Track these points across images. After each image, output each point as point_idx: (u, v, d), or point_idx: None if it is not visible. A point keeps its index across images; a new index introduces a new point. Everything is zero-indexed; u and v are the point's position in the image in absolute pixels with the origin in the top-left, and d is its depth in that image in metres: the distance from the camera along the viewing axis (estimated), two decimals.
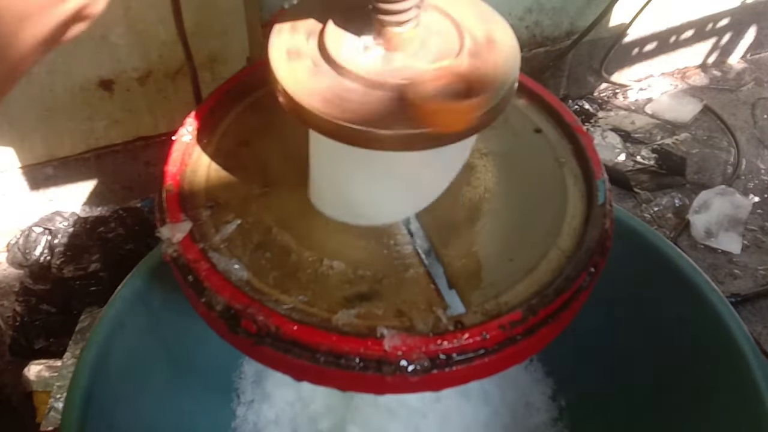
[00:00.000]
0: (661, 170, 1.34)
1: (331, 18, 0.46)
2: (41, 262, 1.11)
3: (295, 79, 0.43)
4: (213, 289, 0.46)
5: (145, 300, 0.69)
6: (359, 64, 0.43)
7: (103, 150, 1.12)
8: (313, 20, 0.47)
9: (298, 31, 0.46)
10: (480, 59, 0.44)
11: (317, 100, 0.42)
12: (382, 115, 0.41)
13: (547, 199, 0.55)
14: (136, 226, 1.14)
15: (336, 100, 0.42)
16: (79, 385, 0.62)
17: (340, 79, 0.43)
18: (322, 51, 0.45)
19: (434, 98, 0.41)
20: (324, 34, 0.45)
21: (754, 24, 1.58)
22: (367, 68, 0.43)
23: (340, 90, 0.43)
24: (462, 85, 0.42)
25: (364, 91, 0.42)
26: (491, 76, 0.43)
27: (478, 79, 0.43)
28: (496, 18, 0.48)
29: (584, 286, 0.48)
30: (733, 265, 1.18)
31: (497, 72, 0.43)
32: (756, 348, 0.65)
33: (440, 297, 0.47)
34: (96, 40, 0.97)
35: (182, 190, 0.52)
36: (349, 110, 0.41)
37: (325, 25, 0.46)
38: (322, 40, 0.45)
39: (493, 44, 0.45)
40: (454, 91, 0.42)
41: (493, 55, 0.45)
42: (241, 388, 0.84)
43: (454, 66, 0.44)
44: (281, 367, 0.45)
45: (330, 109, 0.41)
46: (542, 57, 1.36)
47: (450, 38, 0.46)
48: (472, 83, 0.42)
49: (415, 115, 0.41)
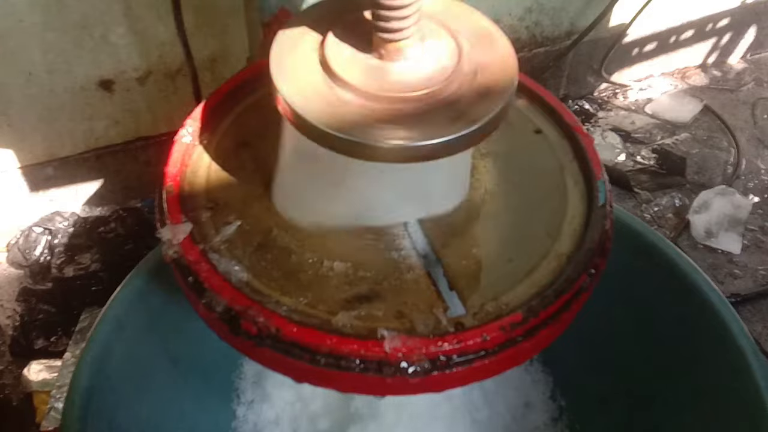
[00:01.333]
0: (661, 170, 1.34)
1: (332, 30, 0.46)
2: (41, 262, 1.11)
3: (295, 91, 0.43)
4: (213, 290, 0.46)
5: (145, 300, 0.69)
6: (356, 75, 0.44)
7: (103, 150, 1.12)
8: (314, 31, 0.47)
9: (299, 42, 0.47)
10: (474, 79, 0.45)
11: (316, 111, 0.42)
12: (377, 127, 0.42)
13: (547, 199, 0.55)
14: (136, 226, 1.14)
15: (332, 110, 0.42)
16: (79, 385, 0.62)
17: (337, 90, 0.44)
18: (322, 62, 0.45)
19: (424, 117, 0.42)
20: (324, 46, 0.46)
21: (754, 24, 1.58)
22: (364, 80, 0.44)
23: (337, 101, 0.43)
24: (450, 109, 0.43)
25: (361, 103, 0.43)
26: (482, 97, 0.44)
27: (467, 102, 0.43)
28: (496, 34, 0.48)
29: (584, 288, 0.48)
30: (733, 265, 1.18)
31: (489, 95, 0.44)
32: (756, 348, 0.65)
33: (440, 298, 0.46)
34: (96, 40, 0.97)
35: (182, 191, 0.52)
36: (347, 121, 0.42)
37: (325, 37, 0.46)
38: (322, 52, 0.45)
39: (488, 67, 0.46)
40: (444, 111, 0.42)
41: (488, 75, 0.45)
42: (241, 389, 0.84)
43: (446, 86, 0.44)
44: (281, 368, 0.45)
45: (327, 119, 0.42)
46: (542, 57, 1.36)
47: (447, 54, 0.46)
48: (461, 105, 0.43)
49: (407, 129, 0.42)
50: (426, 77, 0.44)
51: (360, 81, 0.43)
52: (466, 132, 0.42)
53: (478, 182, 0.55)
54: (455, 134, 0.42)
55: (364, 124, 0.42)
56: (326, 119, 0.42)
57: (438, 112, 0.43)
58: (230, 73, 0.61)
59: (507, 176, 0.56)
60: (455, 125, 0.42)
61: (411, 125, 0.42)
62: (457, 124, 0.42)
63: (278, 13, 0.60)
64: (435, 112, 0.43)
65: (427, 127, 0.42)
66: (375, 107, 0.43)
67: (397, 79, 0.44)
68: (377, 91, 0.43)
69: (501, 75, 0.45)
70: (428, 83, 0.44)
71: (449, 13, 0.49)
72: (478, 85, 0.44)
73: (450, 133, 0.42)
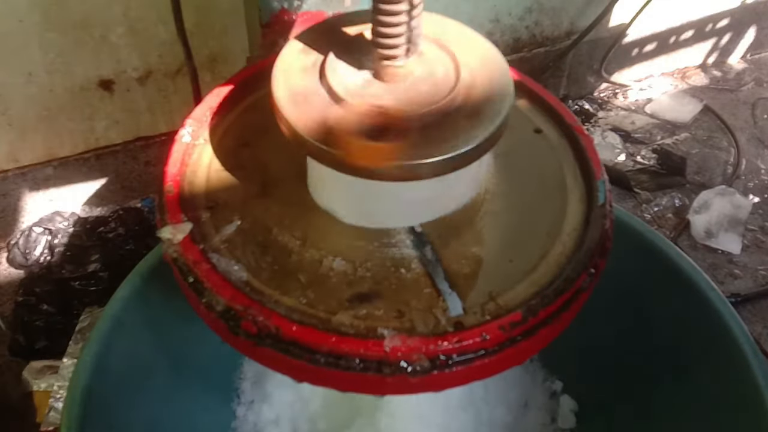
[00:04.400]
0: (661, 170, 1.34)
1: (333, 48, 0.48)
2: (41, 262, 1.11)
3: (295, 108, 0.45)
4: (213, 289, 0.46)
5: (145, 300, 0.69)
6: (354, 93, 0.45)
7: (103, 150, 1.12)
8: (316, 48, 0.49)
9: (301, 59, 0.49)
10: (470, 100, 0.46)
11: (316, 129, 0.44)
12: (371, 145, 0.43)
13: (547, 199, 0.55)
14: (136, 226, 1.14)
15: (327, 127, 0.44)
16: (79, 384, 0.62)
17: (335, 107, 0.45)
18: (322, 80, 0.47)
19: (418, 137, 0.43)
20: (325, 63, 0.47)
21: (754, 24, 1.58)
22: (362, 98, 0.45)
23: (334, 117, 0.44)
24: (444, 129, 0.44)
25: (357, 121, 0.44)
26: (477, 119, 0.45)
27: (462, 123, 0.45)
28: (495, 56, 0.49)
29: (584, 287, 0.48)
30: (733, 265, 1.18)
31: (483, 116, 0.45)
32: (756, 348, 0.65)
33: (440, 298, 0.46)
34: (96, 40, 0.97)
35: (182, 191, 0.52)
36: (341, 138, 0.43)
37: (327, 54, 0.48)
38: (323, 68, 0.47)
39: (484, 89, 0.47)
40: (438, 132, 0.44)
41: (484, 97, 0.46)
42: (242, 389, 0.84)
43: (442, 106, 0.45)
44: (281, 368, 0.45)
45: (322, 136, 0.43)
46: (542, 57, 1.36)
47: (445, 75, 0.48)
48: (455, 126, 0.44)
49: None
50: (423, 97, 0.46)
51: (357, 99, 0.45)
52: (458, 153, 0.43)
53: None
54: (446, 155, 0.43)
55: (358, 141, 0.43)
56: (322, 135, 0.43)
57: (432, 133, 0.44)
58: (230, 73, 0.61)
59: (507, 176, 0.56)
60: (447, 146, 0.43)
61: (404, 145, 0.43)
62: (449, 145, 0.43)
63: (278, 13, 0.60)
64: (429, 133, 0.44)
65: (418, 148, 0.43)
66: (371, 125, 0.44)
67: (394, 98, 0.46)
68: (374, 110, 0.45)
69: (497, 97, 0.47)
70: (424, 103, 0.45)
71: (449, 33, 0.51)
72: (474, 106, 0.46)
73: (441, 154, 0.43)
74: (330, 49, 0.49)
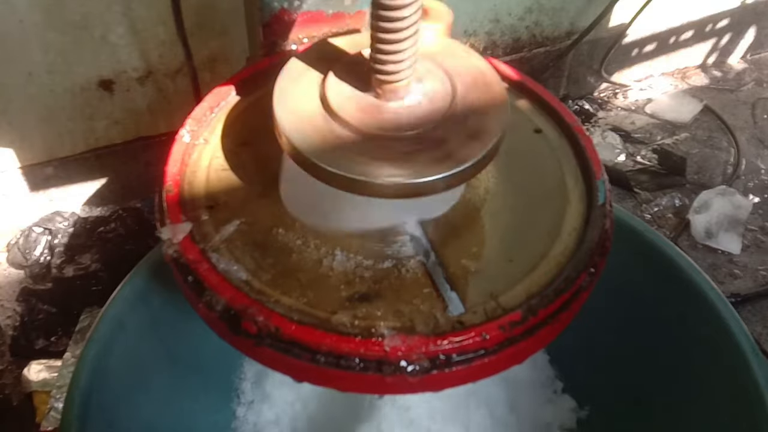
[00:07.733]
0: (661, 170, 1.34)
1: (333, 68, 0.50)
2: (41, 262, 1.11)
3: (294, 125, 0.46)
4: (213, 289, 0.46)
5: (145, 300, 0.69)
6: (353, 113, 0.47)
7: (103, 150, 1.12)
8: (317, 68, 0.50)
9: (302, 77, 0.50)
10: (466, 120, 0.47)
11: (311, 144, 0.45)
12: (367, 164, 0.44)
13: (547, 199, 0.55)
14: (136, 226, 1.14)
15: (326, 145, 0.45)
16: (79, 384, 0.62)
17: (334, 126, 0.46)
18: (321, 98, 0.48)
19: (414, 156, 0.44)
20: (325, 82, 0.48)
21: (754, 24, 1.58)
22: (360, 118, 0.46)
23: (332, 136, 0.46)
24: (439, 149, 0.45)
25: (355, 139, 0.45)
26: (472, 139, 0.46)
27: (457, 143, 0.45)
28: (491, 76, 0.50)
29: (584, 287, 0.48)
30: (733, 265, 1.18)
31: (479, 136, 0.46)
32: (756, 348, 0.65)
33: (440, 297, 0.47)
34: (96, 40, 0.97)
35: (182, 190, 0.52)
36: (338, 156, 0.44)
37: (327, 74, 0.49)
38: (323, 88, 0.48)
39: (480, 109, 0.48)
40: (433, 151, 0.45)
41: (479, 117, 0.47)
42: (242, 389, 0.84)
43: (438, 126, 0.46)
44: (281, 367, 0.45)
45: (321, 153, 0.44)
46: (542, 57, 1.36)
47: (442, 95, 0.48)
48: (450, 146, 0.45)
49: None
50: (419, 117, 0.47)
51: (356, 118, 0.46)
52: (452, 173, 0.44)
53: (478, 181, 0.55)
54: (440, 174, 0.44)
55: (356, 159, 0.44)
56: (320, 153, 0.44)
57: (427, 152, 0.45)
58: (230, 73, 0.61)
59: (507, 176, 0.56)
60: (442, 165, 0.44)
61: (400, 164, 0.44)
62: (444, 165, 0.44)
63: (278, 13, 0.60)
64: (424, 152, 0.45)
65: (414, 166, 0.44)
66: (368, 144, 0.45)
67: (391, 118, 0.47)
68: (371, 129, 0.46)
69: (492, 117, 0.47)
70: (421, 123, 0.46)
71: (446, 53, 0.52)
72: (469, 126, 0.47)
73: (435, 173, 0.44)
74: (330, 68, 0.50)
